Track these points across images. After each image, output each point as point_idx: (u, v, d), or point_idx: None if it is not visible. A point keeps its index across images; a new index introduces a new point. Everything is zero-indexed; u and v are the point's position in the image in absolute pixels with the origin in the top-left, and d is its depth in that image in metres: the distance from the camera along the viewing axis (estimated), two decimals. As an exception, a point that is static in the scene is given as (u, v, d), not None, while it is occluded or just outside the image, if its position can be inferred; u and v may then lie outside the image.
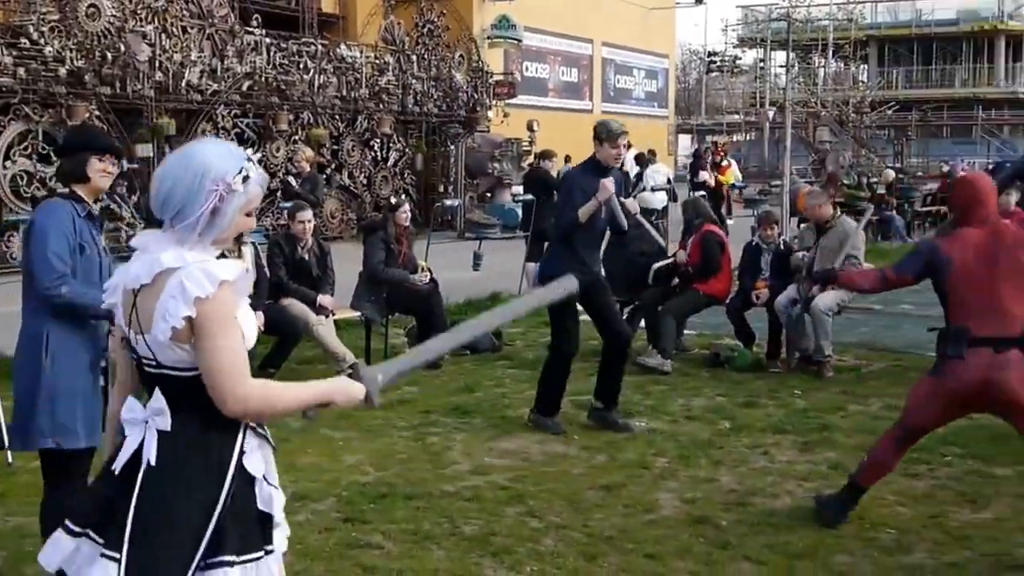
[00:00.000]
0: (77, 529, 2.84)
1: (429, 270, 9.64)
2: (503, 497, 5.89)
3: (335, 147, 21.68)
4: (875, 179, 24.21)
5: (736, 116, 55.64)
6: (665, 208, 18.59)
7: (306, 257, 8.94)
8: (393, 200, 10.31)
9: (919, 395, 5.28)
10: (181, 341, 2.72)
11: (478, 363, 9.45)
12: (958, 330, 5.06)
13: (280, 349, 8.65)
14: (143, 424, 2.82)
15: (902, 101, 48.65)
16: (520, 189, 16.98)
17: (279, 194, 15.53)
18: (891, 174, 24.92)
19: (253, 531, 2.81)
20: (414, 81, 23.67)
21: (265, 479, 2.87)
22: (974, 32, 58.96)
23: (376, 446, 6.89)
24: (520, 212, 16.65)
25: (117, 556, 2.73)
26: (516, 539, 5.26)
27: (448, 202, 22.72)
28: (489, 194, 24.05)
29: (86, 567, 2.79)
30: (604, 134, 7.16)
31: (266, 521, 2.86)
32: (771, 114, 37.55)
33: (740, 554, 5.08)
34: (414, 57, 23.98)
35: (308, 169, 13.81)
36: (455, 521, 5.50)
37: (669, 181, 20.21)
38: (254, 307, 8.36)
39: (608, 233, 7.65)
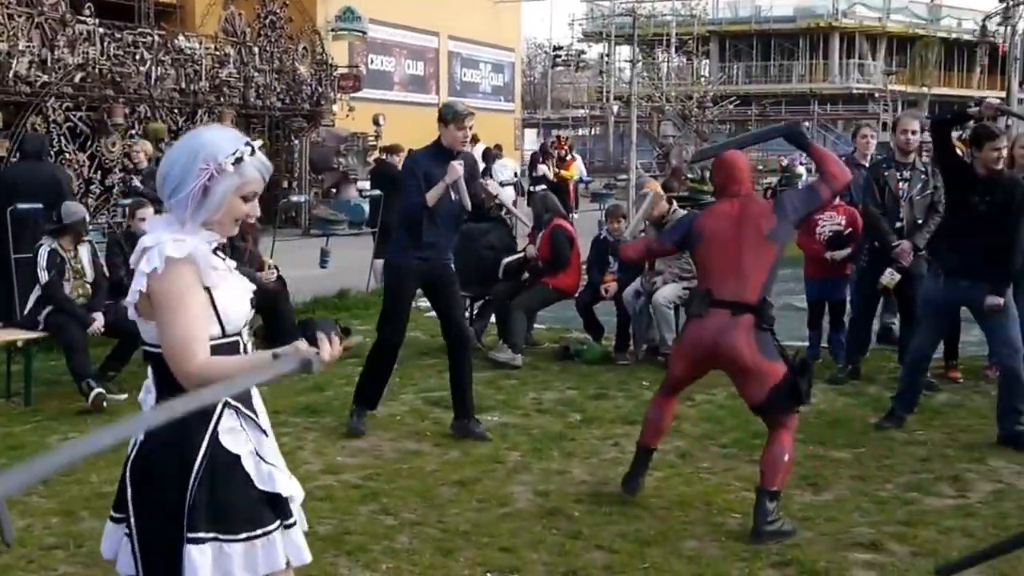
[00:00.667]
0: (117, 515, 3.02)
1: (275, 268, 9.47)
2: (356, 496, 5.84)
3: (174, 141, 21.12)
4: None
5: (582, 110, 56.37)
6: (513, 203, 18.69)
7: (147, 255, 8.69)
8: None
9: (674, 351, 5.88)
10: (147, 318, 2.85)
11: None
12: (702, 292, 5.49)
13: (120, 350, 8.39)
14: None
15: (742, 96, 49.98)
16: (367, 184, 16.84)
17: (115, 191, 15.05)
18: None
19: (255, 508, 2.90)
20: (256, 74, 23.22)
21: (260, 457, 2.94)
22: (810, 29, 61.04)
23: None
24: (367, 207, 16.54)
25: (127, 530, 2.93)
26: (371, 537, 5.23)
27: (293, 198, 22.41)
28: (335, 189, 23.81)
29: (121, 549, 3.00)
30: (450, 116, 6.98)
31: (274, 498, 2.94)
32: (616, 108, 38.12)
33: (592, 543, 5.16)
34: (256, 49, 23.53)
35: (147, 164, 13.37)
36: (308, 521, 5.40)
37: (516, 176, 20.34)
38: (92, 308, 8.17)
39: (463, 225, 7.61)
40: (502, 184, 18.54)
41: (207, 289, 2.89)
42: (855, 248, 9.00)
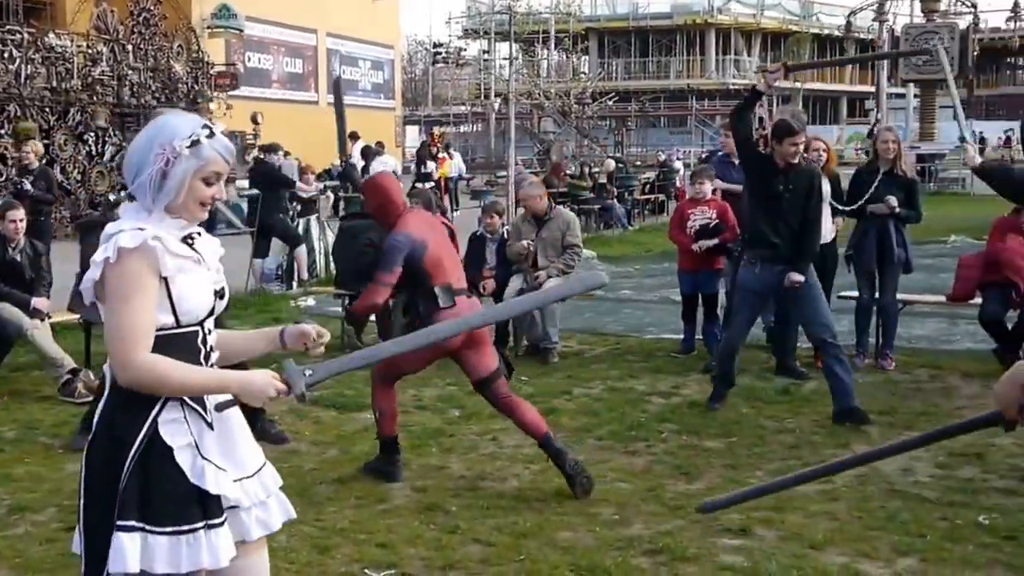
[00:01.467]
0: None
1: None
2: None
3: (46, 142, 20.56)
4: (597, 169, 25.09)
5: (463, 107, 56.40)
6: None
7: (18, 258, 8.46)
8: (112, 197, 9.91)
9: (404, 356, 5.84)
10: (101, 303, 2.90)
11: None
12: (445, 287, 5.94)
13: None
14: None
15: (621, 92, 50.58)
16: (245, 183, 16.65)
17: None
18: (612, 164, 25.88)
19: (183, 503, 2.89)
20: (130, 72, 22.76)
21: (199, 452, 2.93)
22: (687, 25, 62.03)
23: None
24: (246, 207, 16.33)
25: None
26: (245, 539, 5.18)
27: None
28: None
29: (76, 530, 3.03)
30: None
31: (203, 496, 2.91)
32: (496, 105, 38.26)
33: (469, 537, 5.20)
34: (129, 47, 23.05)
35: (37, 164, 12.86)
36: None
37: (396, 173, 20.27)
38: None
39: (339, 223, 7.64)
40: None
41: (164, 279, 2.90)
42: (725, 240, 9.20)
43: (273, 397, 2.96)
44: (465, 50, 56.75)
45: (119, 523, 2.86)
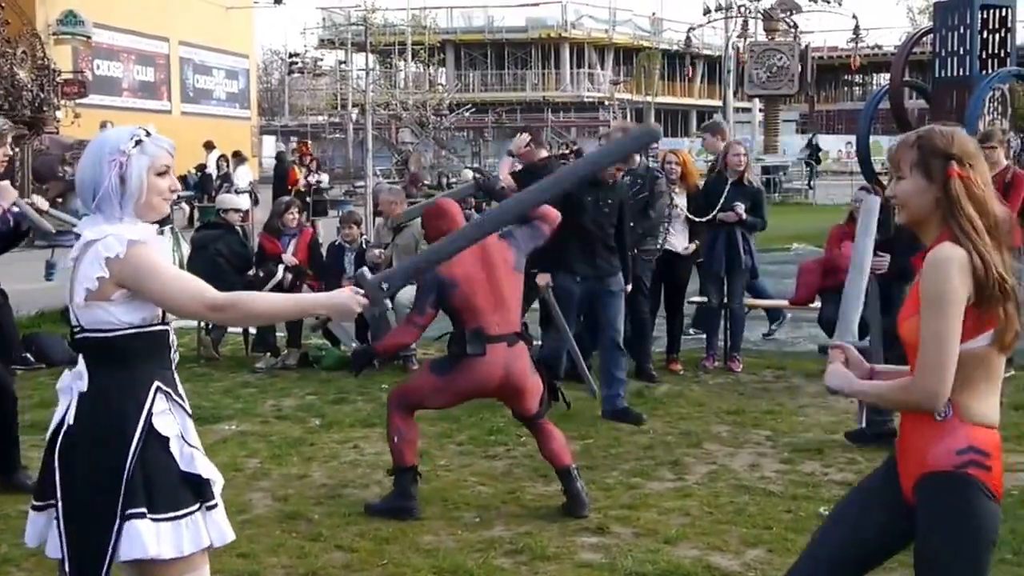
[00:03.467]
0: (39, 504, 3.18)
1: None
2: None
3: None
4: (455, 179, 25.26)
5: (320, 117, 55.99)
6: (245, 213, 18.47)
7: None
8: None
9: (425, 386, 5.76)
10: (100, 300, 3.03)
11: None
12: (475, 332, 5.53)
13: None
14: (69, 390, 3.12)
15: (479, 103, 50.92)
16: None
17: None
18: (469, 174, 26.02)
19: (178, 489, 3.07)
20: (-30, 78, 21.98)
21: (185, 440, 3.12)
22: (542, 39, 62.74)
23: None
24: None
25: (54, 503, 3.08)
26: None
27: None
28: (60, 199, 22.79)
29: (50, 533, 3.14)
30: None
31: (195, 480, 3.10)
32: (354, 115, 38.12)
33: (332, 544, 5.24)
34: (-29, 53, 22.26)
35: None
36: (36, 541, 5.27)
37: (251, 184, 20.10)
38: None
39: (195, 233, 7.48)
40: (238, 192, 18.27)
41: None
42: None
43: (359, 310, 3.22)
44: (322, 60, 56.36)
45: (130, 511, 3.00)
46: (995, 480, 2.88)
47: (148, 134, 3.17)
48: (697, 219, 9.12)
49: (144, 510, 3.01)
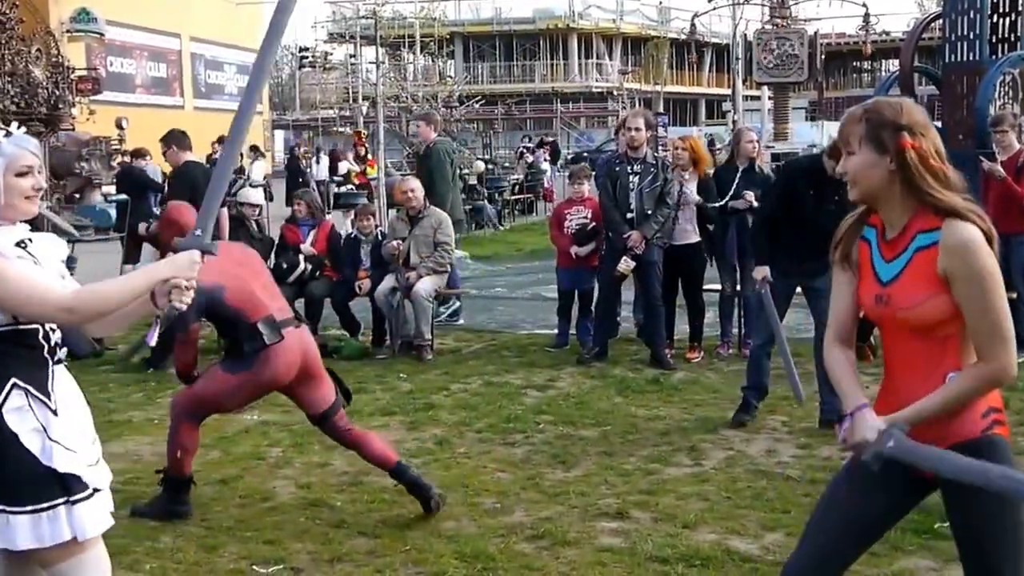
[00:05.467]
0: None
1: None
2: (117, 500, 5.69)
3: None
4: (466, 171, 25.27)
5: (331, 111, 56.02)
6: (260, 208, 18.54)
7: None
8: None
9: (223, 386, 5.47)
10: None
11: (80, 369, 9.10)
12: (267, 320, 5.35)
13: None
14: None
15: (488, 95, 50.87)
16: (112, 189, 16.35)
17: None
18: (481, 165, 26.09)
19: (38, 483, 3.07)
20: (-14, 77, 22.08)
21: (48, 436, 3.10)
22: (550, 30, 62.62)
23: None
24: (114, 212, 16.04)
25: None
26: (132, 539, 5.21)
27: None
28: (78, 195, 22.92)
29: None
30: None
31: (62, 476, 3.09)
32: (364, 109, 38.16)
33: (355, 531, 5.32)
34: (-16, 51, 22.37)
35: None
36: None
37: (265, 178, 20.17)
38: None
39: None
40: (252, 186, 18.31)
41: None
42: (600, 241, 9.48)
43: (199, 262, 3.18)
44: (331, 54, 56.37)
45: None
46: (1007, 427, 3.00)
47: (8, 134, 3.18)
48: (708, 205, 9.17)
49: None
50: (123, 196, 13.71)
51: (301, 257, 9.95)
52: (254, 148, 23.65)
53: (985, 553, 2.95)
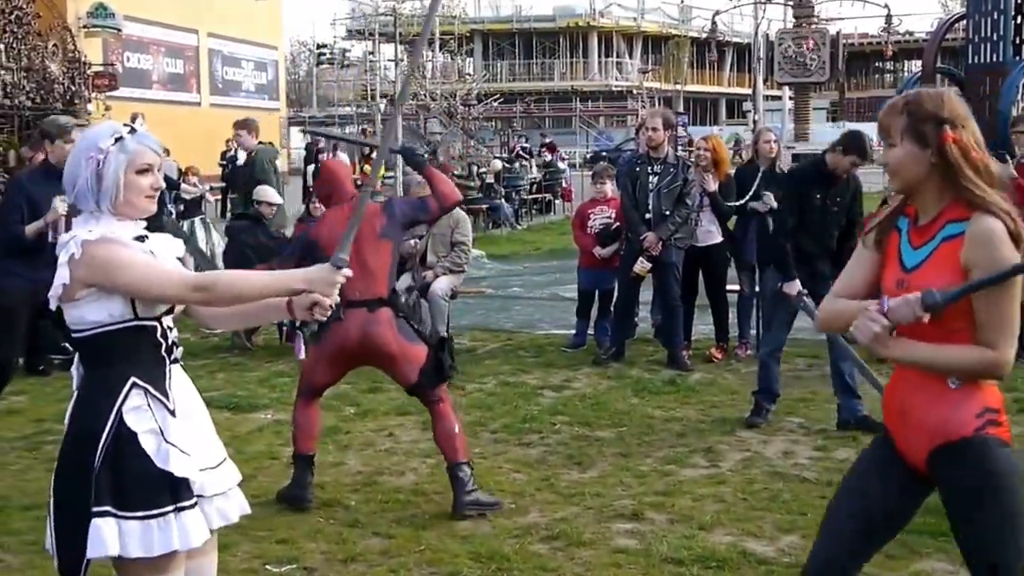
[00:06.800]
0: None
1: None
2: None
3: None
4: (484, 169, 25.24)
5: (348, 108, 56.08)
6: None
7: None
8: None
9: (310, 359, 5.90)
10: (69, 300, 3.05)
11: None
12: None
13: None
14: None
15: (507, 93, 50.84)
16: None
17: None
18: (499, 164, 26.04)
19: (151, 487, 3.02)
20: (3, 72, 22.10)
21: (164, 437, 3.06)
22: (570, 28, 62.59)
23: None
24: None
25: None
26: (144, 538, 5.19)
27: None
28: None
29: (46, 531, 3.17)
30: (55, 131, 6.54)
31: (173, 480, 3.03)
32: (382, 106, 38.14)
33: (369, 531, 5.30)
34: (1, 46, 22.40)
35: None
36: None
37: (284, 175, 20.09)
38: None
39: (228, 223, 7.53)
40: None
41: None
42: (623, 241, 9.44)
43: (341, 280, 3.20)
44: (350, 51, 56.41)
45: (94, 510, 2.99)
46: (1006, 430, 2.95)
47: (133, 131, 3.16)
48: (728, 205, 9.12)
49: (109, 508, 2.99)
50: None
51: None
52: (269, 144, 23.61)
53: (988, 555, 2.95)
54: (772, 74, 33.17)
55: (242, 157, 23.77)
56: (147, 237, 3.19)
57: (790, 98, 38.04)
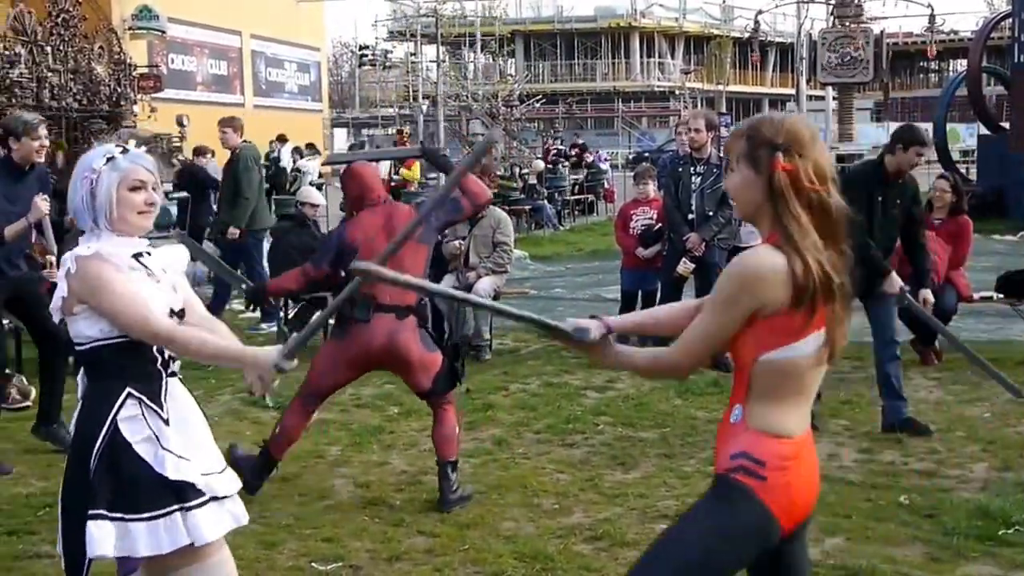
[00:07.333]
0: None
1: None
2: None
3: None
4: (526, 170, 25.26)
5: (391, 109, 56.33)
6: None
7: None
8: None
9: (324, 360, 5.80)
10: (68, 315, 3.22)
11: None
12: (365, 298, 5.56)
13: None
14: None
15: (548, 94, 50.86)
16: (171, 186, 16.52)
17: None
18: (540, 165, 26.04)
19: (154, 491, 3.16)
20: (50, 74, 22.35)
21: (160, 444, 3.20)
22: (611, 29, 62.51)
23: (36, 457, 6.61)
24: (174, 210, 16.25)
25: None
26: (192, 535, 5.25)
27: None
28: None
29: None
30: (20, 127, 6.41)
31: (177, 483, 3.18)
32: (425, 107, 38.30)
33: (414, 529, 5.33)
34: (49, 48, 22.66)
35: None
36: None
37: (320, 175, 20.29)
38: None
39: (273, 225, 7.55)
40: (312, 184, 18.45)
41: None
42: (666, 242, 9.43)
43: (274, 371, 3.22)
44: (392, 52, 56.66)
45: (90, 512, 3.15)
46: (773, 494, 2.70)
47: (125, 151, 3.29)
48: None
49: (104, 511, 3.14)
50: (183, 194, 13.85)
51: None
52: (310, 146, 23.78)
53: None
54: (815, 74, 32.98)
55: (284, 158, 24.05)
56: (149, 254, 3.34)
57: (834, 98, 37.81)
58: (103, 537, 3.13)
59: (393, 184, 21.80)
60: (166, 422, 3.26)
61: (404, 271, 5.47)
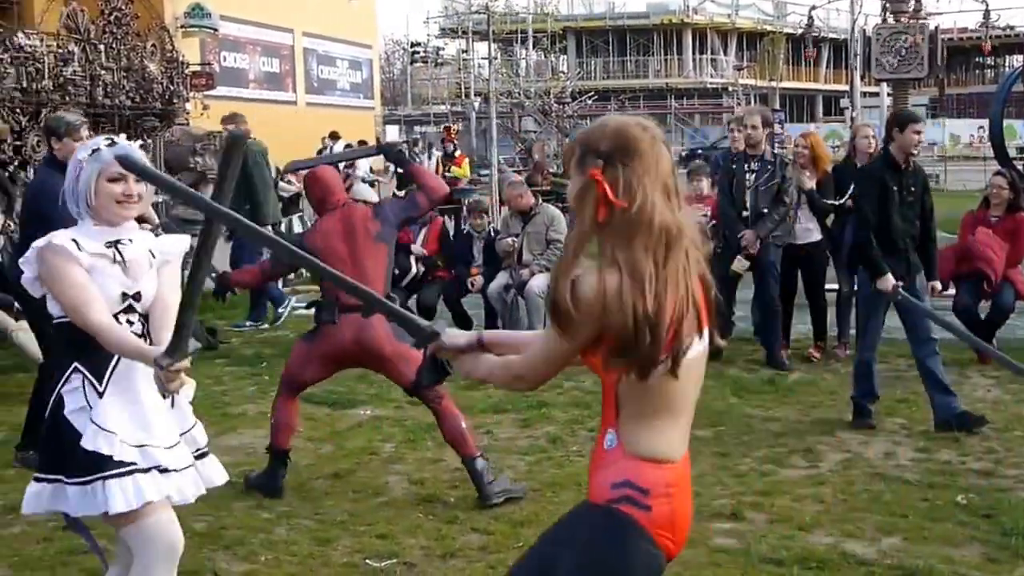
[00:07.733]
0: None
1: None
2: (230, 493, 5.82)
3: (17, 143, 20.37)
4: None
5: (442, 107, 56.49)
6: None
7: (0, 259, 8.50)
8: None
9: (297, 356, 5.99)
10: (43, 291, 3.45)
11: (195, 361, 9.29)
12: (330, 301, 5.77)
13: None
14: None
15: (601, 91, 50.73)
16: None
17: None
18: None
19: (84, 459, 3.36)
20: (103, 72, 22.60)
21: (90, 418, 3.39)
22: (663, 25, 62.24)
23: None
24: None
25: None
26: (248, 531, 5.32)
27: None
28: (193, 189, 23.42)
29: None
30: (63, 128, 6.35)
31: (97, 454, 3.36)
32: (476, 104, 38.35)
33: (468, 526, 5.34)
34: (101, 46, 22.92)
35: None
36: (184, 519, 5.39)
37: (371, 171, 20.38)
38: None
39: None
40: (363, 180, 18.56)
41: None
42: (719, 239, 9.36)
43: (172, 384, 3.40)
44: (443, 49, 56.76)
45: (35, 475, 3.53)
46: (657, 523, 2.59)
47: (112, 143, 3.48)
48: (826, 203, 9.01)
49: (43, 474, 3.47)
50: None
51: (412, 259, 10.04)
52: (362, 143, 23.86)
53: None
54: (869, 70, 32.62)
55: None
56: (130, 241, 3.51)
57: (888, 95, 37.38)
58: (32, 495, 3.48)
59: (446, 179, 21.81)
60: (100, 395, 3.44)
61: (365, 271, 5.67)
